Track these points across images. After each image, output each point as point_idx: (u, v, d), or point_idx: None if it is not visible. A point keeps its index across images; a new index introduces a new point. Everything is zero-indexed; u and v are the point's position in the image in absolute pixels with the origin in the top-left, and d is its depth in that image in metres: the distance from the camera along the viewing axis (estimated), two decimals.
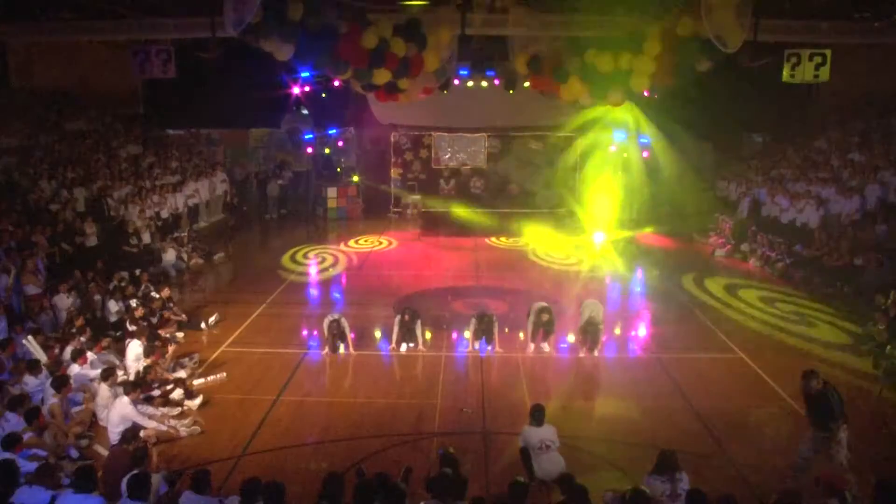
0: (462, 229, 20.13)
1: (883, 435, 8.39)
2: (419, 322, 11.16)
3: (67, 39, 15.07)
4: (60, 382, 8.28)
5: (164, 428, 8.16)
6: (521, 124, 22.69)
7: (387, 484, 5.73)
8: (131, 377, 9.13)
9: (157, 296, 12.22)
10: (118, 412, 7.87)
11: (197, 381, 9.72)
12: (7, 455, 6.54)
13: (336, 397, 9.61)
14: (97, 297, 11.94)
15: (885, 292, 11.24)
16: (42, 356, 9.34)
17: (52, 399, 8.12)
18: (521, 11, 12.42)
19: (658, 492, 5.94)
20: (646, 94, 14.46)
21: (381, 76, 11.85)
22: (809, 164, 18.29)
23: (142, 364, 9.48)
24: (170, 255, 15.60)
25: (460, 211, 21.12)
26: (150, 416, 8.29)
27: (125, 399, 7.96)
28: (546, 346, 11.07)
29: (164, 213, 17.09)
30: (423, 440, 8.35)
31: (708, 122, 20.20)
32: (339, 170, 23.62)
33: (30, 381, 8.53)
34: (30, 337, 9.60)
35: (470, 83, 19.15)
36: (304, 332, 12.06)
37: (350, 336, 11.05)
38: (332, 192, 23.06)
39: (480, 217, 20.70)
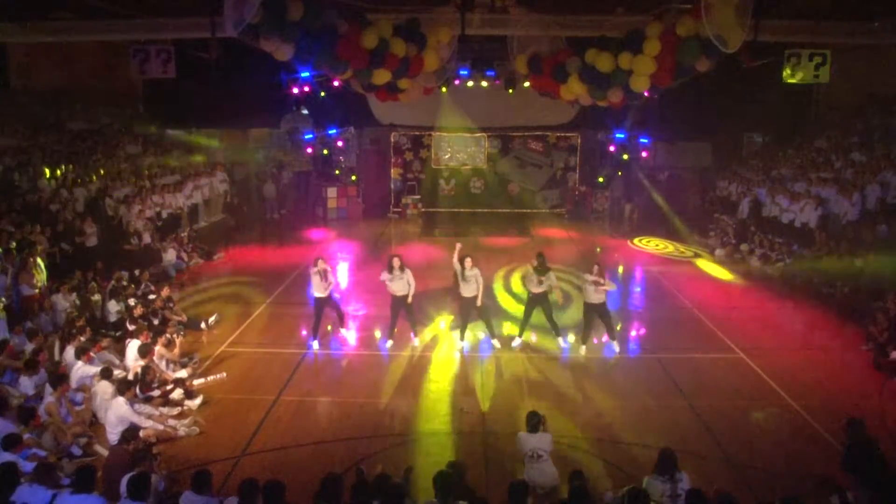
0: (461, 229, 20.10)
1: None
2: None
3: (67, 39, 15.05)
4: (57, 380, 8.25)
5: (161, 427, 8.17)
6: (521, 124, 22.70)
7: (386, 484, 5.73)
8: (130, 377, 9.13)
9: (158, 295, 12.22)
10: (115, 412, 7.87)
11: (197, 381, 9.72)
12: (8, 456, 6.53)
13: (336, 397, 9.61)
14: (97, 297, 11.94)
15: (885, 292, 11.23)
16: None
17: (49, 398, 8.11)
18: (521, 11, 12.40)
19: (658, 492, 5.93)
20: (646, 94, 14.48)
21: (381, 76, 11.83)
22: (809, 164, 18.28)
23: (140, 364, 9.47)
24: (170, 255, 15.59)
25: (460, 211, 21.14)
26: (149, 416, 8.29)
27: (121, 399, 7.96)
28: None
29: (164, 214, 17.10)
30: (423, 440, 8.35)
31: (708, 122, 20.19)
32: (337, 171, 23.59)
33: (23, 382, 8.54)
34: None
35: (470, 83, 19.14)
36: (304, 332, 12.06)
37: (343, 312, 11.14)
38: (332, 192, 23.06)
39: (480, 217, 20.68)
